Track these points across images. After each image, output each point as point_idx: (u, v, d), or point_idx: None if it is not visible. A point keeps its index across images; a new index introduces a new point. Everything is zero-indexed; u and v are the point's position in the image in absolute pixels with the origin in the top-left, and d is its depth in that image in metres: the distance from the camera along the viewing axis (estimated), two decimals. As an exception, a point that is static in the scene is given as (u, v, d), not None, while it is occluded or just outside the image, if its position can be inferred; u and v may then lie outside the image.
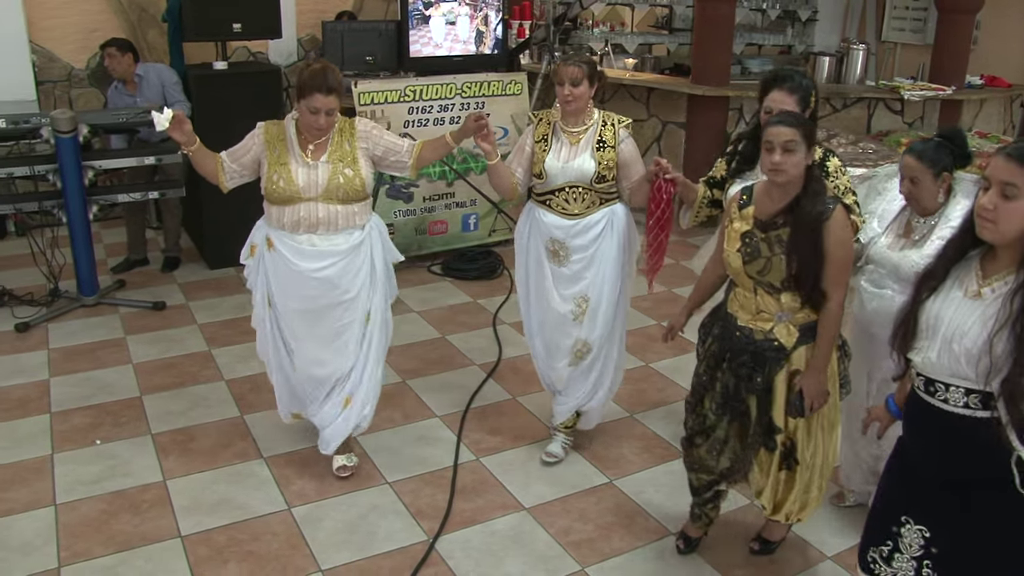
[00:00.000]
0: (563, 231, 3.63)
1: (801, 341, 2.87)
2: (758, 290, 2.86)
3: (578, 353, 3.78)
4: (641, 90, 7.69)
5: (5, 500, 3.56)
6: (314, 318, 3.56)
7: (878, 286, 3.17)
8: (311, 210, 3.41)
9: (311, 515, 3.49)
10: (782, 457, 3.01)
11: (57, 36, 7.13)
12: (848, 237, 2.80)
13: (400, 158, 3.58)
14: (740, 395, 2.96)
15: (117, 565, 3.19)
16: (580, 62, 3.51)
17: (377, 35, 5.93)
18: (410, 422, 4.21)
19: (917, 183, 2.97)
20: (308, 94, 3.30)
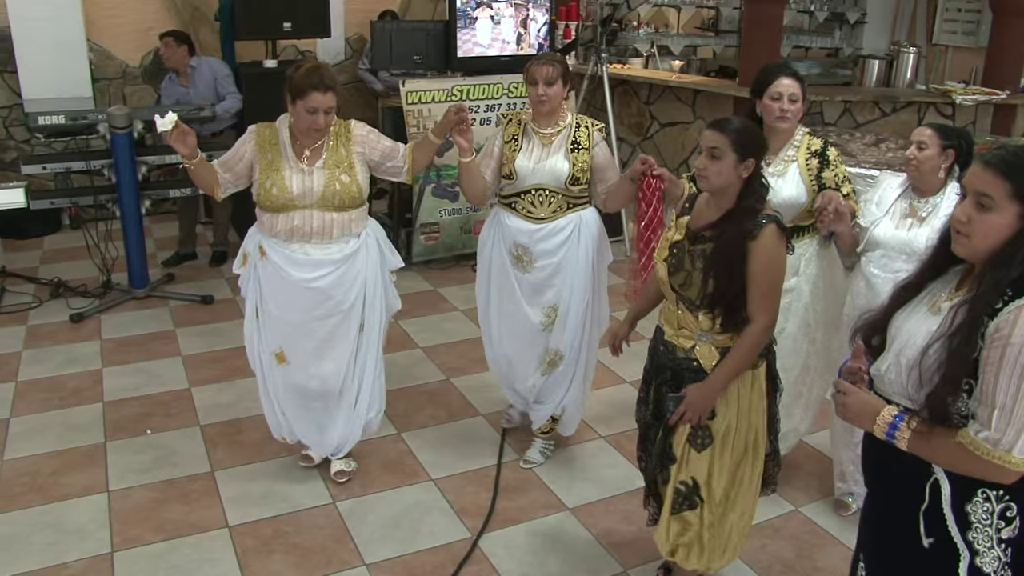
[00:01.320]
0: (527, 235, 3.55)
1: None
2: (680, 304, 2.70)
3: (551, 362, 3.71)
4: (687, 92, 7.65)
5: (61, 485, 3.66)
6: (308, 329, 3.46)
7: (889, 270, 3.13)
8: (306, 218, 3.31)
9: (355, 510, 3.53)
10: (678, 495, 2.75)
11: (113, 34, 7.29)
12: (780, 259, 2.59)
13: (396, 163, 3.48)
14: (662, 413, 2.79)
15: (167, 552, 3.26)
16: (553, 61, 3.47)
17: (425, 35, 5.96)
18: (454, 420, 4.24)
19: (923, 148, 3.06)
20: (305, 94, 3.16)
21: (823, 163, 3.33)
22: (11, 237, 6.69)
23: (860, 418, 1.93)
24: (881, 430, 1.87)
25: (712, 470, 2.72)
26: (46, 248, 6.80)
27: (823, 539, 3.39)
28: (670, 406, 2.69)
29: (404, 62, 5.96)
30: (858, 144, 6.48)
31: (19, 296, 5.71)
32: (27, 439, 4.02)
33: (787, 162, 3.36)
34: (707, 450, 2.69)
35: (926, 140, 3.07)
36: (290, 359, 3.51)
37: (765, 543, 3.36)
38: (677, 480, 2.74)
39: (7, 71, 7.00)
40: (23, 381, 4.59)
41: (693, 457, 2.71)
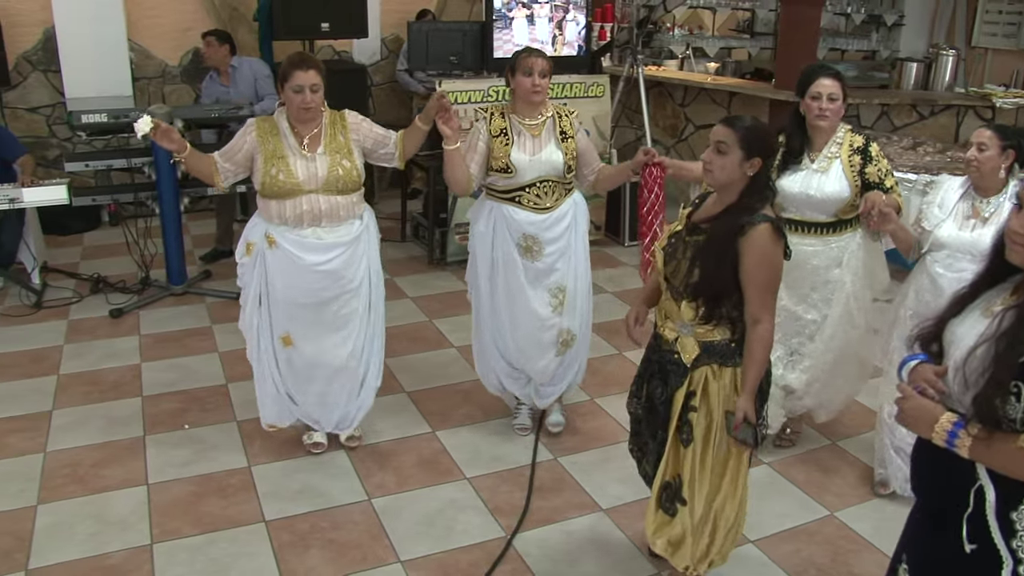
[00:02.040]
0: (535, 226, 3.67)
1: (702, 361, 2.67)
2: (668, 294, 2.74)
3: (564, 343, 3.86)
4: (723, 94, 7.62)
5: (102, 477, 3.72)
6: (318, 311, 3.62)
7: (955, 269, 3.24)
8: (313, 202, 3.47)
9: (391, 506, 3.55)
10: (663, 492, 2.78)
11: (153, 34, 7.40)
12: (775, 258, 2.57)
13: (388, 150, 3.63)
14: (653, 406, 2.84)
15: (205, 545, 3.30)
16: (544, 54, 3.61)
17: (461, 35, 5.99)
18: (489, 419, 4.25)
19: (984, 149, 3.17)
20: (288, 75, 3.36)
21: (866, 159, 3.47)
22: (53, 233, 6.80)
23: (917, 424, 1.91)
24: (940, 437, 1.85)
25: (694, 469, 2.73)
26: (86, 244, 6.91)
27: (859, 545, 3.36)
28: (744, 438, 2.58)
29: (440, 63, 5.99)
30: (895, 148, 6.42)
31: (61, 291, 5.80)
32: (69, 431, 4.09)
33: (830, 159, 3.50)
34: (690, 446, 2.72)
35: (986, 141, 3.18)
36: (297, 342, 3.66)
37: (799, 547, 3.34)
38: (664, 476, 2.78)
39: (51, 70, 7.13)
40: (65, 374, 4.67)
41: (680, 452, 2.75)
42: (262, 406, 3.83)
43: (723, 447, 2.71)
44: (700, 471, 2.73)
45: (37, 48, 7.09)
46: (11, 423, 4.15)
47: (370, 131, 3.61)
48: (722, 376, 2.68)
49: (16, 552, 3.24)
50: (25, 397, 4.41)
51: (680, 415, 2.71)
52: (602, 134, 6.45)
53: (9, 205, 5.34)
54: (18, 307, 5.56)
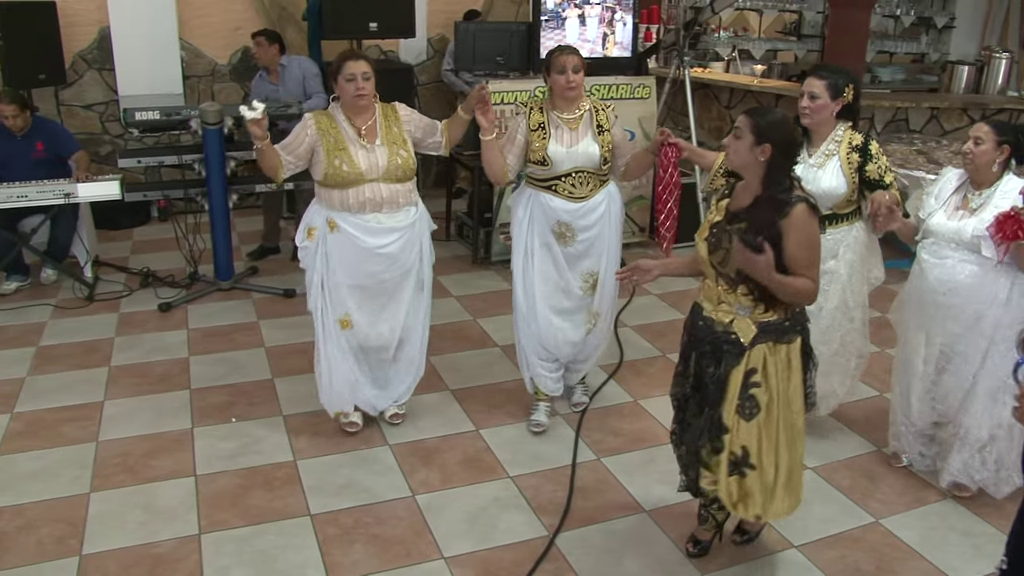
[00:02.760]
0: (570, 214, 3.85)
1: (760, 339, 2.83)
2: (719, 280, 2.88)
3: (591, 322, 4.08)
4: (769, 97, 7.57)
5: (152, 467, 3.79)
6: (374, 292, 3.83)
7: (939, 256, 3.45)
8: (376, 190, 3.67)
9: (434, 503, 3.57)
10: (731, 464, 2.93)
11: (204, 33, 7.51)
12: (812, 234, 2.76)
13: (436, 139, 3.86)
14: (703, 388, 2.97)
15: (252, 537, 3.35)
16: (576, 52, 3.76)
17: (508, 36, 6.00)
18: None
19: (980, 143, 3.33)
20: (341, 67, 3.62)
21: (865, 157, 3.56)
22: (104, 228, 6.94)
23: None
24: None
25: (761, 438, 2.89)
26: (136, 239, 7.03)
27: (904, 553, 3.32)
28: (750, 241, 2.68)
29: (487, 63, 6.01)
30: (945, 152, 6.33)
31: (112, 285, 5.92)
32: (120, 422, 4.17)
33: (827, 156, 3.61)
34: (755, 419, 2.87)
35: (983, 136, 3.34)
36: (355, 322, 3.86)
37: (844, 553, 3.31)
38: (730, 449, 2.91)
39: (105, 69, 7.28)
40: (115, 366, 4.77)
41: (743, 427, 2.88)
42: (327, 394, 3.99)
43: (781, 416, 2.89)
44: (766, 441, 2.90)
45: (92, 47, 7.24)
46: (66, 412, 4.25)
47: (420, 121, 3.83)
48: (777, 352, 2.86)
49: (70, 538, 3.32)
50: (78, 387, 4.51)
51: (741, 392, 2.86)
52: (648, 136, 6.43)
53: (64, 200, 5.47)
54: (71, 299, 5.69)
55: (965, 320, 3.43)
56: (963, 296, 3.40)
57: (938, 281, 3.45)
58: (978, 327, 3.42)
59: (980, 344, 3.44)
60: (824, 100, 3.52)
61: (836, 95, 3.53)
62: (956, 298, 3.42)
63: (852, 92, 3.56)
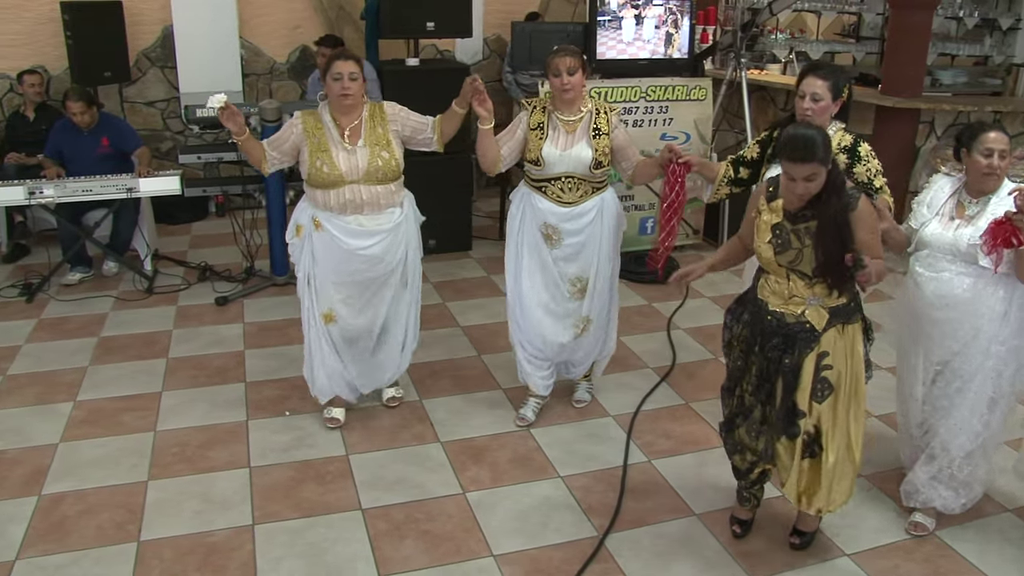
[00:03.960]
0: (557, 217, 3.85)
1: (831, 323, 2.96)
2: (791, 276, 2.96)
3: (580, 328, 4.05)
4: (826, 99, 7.44)
5: (208, 458, 3.86)
6: (357, 288, 3.89)
7: (934, 269, 3.28)
8: (356, 192, 3.70)
9: (484, 501, 3.59)
10: (805, 444, 3.05)
11: (263, 32, 7.63)
12: (875, 222, 2.95)
13: (427, 135, 3.85)
14: (771, 378, 3.05)
15: (304, 529, 3.39)
16: (573, 52, 3.71)
17: (564, 36, 5.98)
18: (583, 419, 4.25)
19: (1004, 157, 3.15)
20: (330, 65, 3.64)
21: (854, 159, 3.42)
22: (163, 222, 7.08)
23: None
24: None
25: (834, 416, 3.01)
26: (194, 234, 7.17)
27: (960, 566, 3.25)
28: (861, 263, 2.78)
29: (542, 63, 5.99)
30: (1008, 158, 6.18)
31: (170, 278, 6.05)
32: (177, 412, 4.26)
33: None
34: (828, 399, 3.00)
35: (1006, 148, 3.18)
36: (338, 315, 3.93)
37: (897, 563, 3.25)
38: (805, 430, 3.03)
39: (167, 66, 7.43)
40: (173, 358, 4.86)
41: (816, 409, 3.01)
42: (313, 380, 4.06)
43: (849, 391, 3.01)
44: (834, 420, 3.02)
45: (156, 45, 7.40)
46: (125, 402, 4.35)
47: (407, 119, 3.82)
48: (845, 334, 2.99)
49: (129, 524, 3.39)
50: (137, 378, 4.61)
51: (815, 376, 2.98)
52: (703, 138, 6.38)
53: (127, 194, 5.59)
54: (131, 292, 5.82)
55: (963, 336, 3.25)
56: (960, 311, 3.22)
57: (934, 296, 3.27)
58: (976, 343, 3.24)
59: (977, 360, 3.25)
60: (827, 101, 3.37)
61: (837, 95, 3.38)
62: (953, 312, 3.24)
63: (847, 92, 3.44)
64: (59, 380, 4.59)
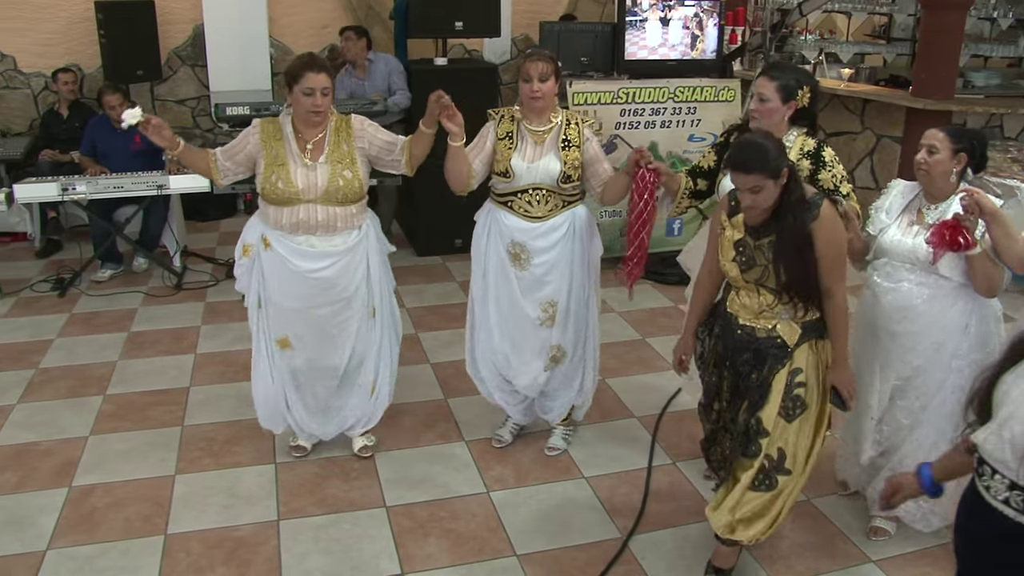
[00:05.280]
0: (524, 234, 3.56)
1: (804, 339, 2.84)
2: (760, 291, 2.84)
3: (553, 358, 3.75)
4: (856, 101, 7.39)
5: (234, 453, 3.90)
6: (312, 316, 3.54)
7: (893, 280, 3.12)
8: (310, 212, 3.37)
9: (509, 501, 3.59)
10: (762, 471, 2.87)
11: (293, 31, 7.69)
12: (839, 232, 2.76)
13: (395, 156, 3.51)
14: (742, 394, 2.95)
15: (328, 525, 3.41)
16: (546, 58, 3.45)
17: (593, 36, 6.00)
18: (608, 420, 4.24)
19: (934, 152, 3.00)
20: (300, 76, 3.26)
21: (818, 164, 3.23)
22: (192, 219, 7.15)
23: None
24: None
25: (799, 437, 2.87)
26: (223, 230, 7.23)
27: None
28: (835, 401, 2.88)
29: (571, 63, 6.02)
30: (1043, 161, 6.10)
31: (199, 275, 6.11)
32: (204, 407, 4.30)
33: None
34: (798, 418, 2.85)
35: (937, 144, 3.00)
36: (294, 344, 3.62)
37: (926, 571, 3.22)
38: (766, 452, 2.85)
39: (198, 65, 7.52)
40: (201, 354, 4.91)
41: (783, 428, 2.86)
42: (258, 407, 3.79)
43: (814, 412, 2.89)
44: (802, 439, 2.89)
45: (187, 44, 7.49)
46: (154, 396, 4.41)
47: (375, 137, 3.47)
48: (819, 350, 2.88)
49: (156, 517, 3.43)
50: (166, 373, 4.66)
51: (785, 393, 2.84)
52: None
53: (157, 191, 5.65)
54: (161, 288, 5.89)
55: (923, 351, 3.10)
56: (920, 324, 3.08)
57: (892, 307, 3.11)
58: (937, 357, 3.10)
59: (938, 376, 3.12)
60: (775, 103, 3.17)
61: (788, 97, 3.17)
62: (913, 326, 3.09)
63: (808, 95, 3.20)
64: (90, 374, 4.65)
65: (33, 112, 7.34)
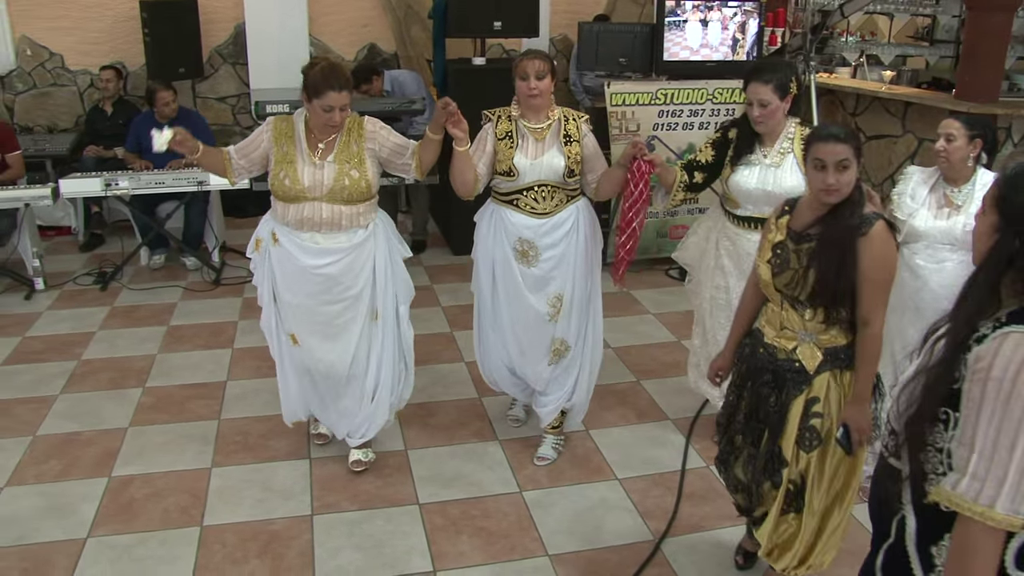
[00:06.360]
0: (532, 230, 3.59)
1: (825, 367, 2.68)
2: (784, 304, 2.70)
3: (556, 352, 3.77)
4: (898, 104, 7.30)
5: (269, 447, 3.94)
6: (315, 314, 3.56)
7: (936, 260, 3.33)
8: (316, 210, 3.40)
9: (541, 501, 3.59)
10: (787, 497, 2.79)
11: (332, 30, 7.75)
12: (888, 258, 2.56)
13: (405, 161, 3.50)
14: (760, 417, 2.80)
15: (361, 521, 3.44)
16: (542, 56, 3.49)
17: (631, 37, 5.97)
18: (642, 422, 4.23)
19: (952, 140, 3.23)
20: (321, 93, 3.25)
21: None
22: (231, 215, 7.22)
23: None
24: None
25: (821, 471, 2.74)
26: (261, 227, 7.29)
27: None
28: (842, 441, 2.65)
29: (609, 64, 6.00)
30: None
31: (237, 270, 6.18)
32: (241, 401, 4.36)
33: (782, 154, 3.50)
34: (815, 451, 2.72)
35: (953, 132, 3.24)
36: (300, 341, 3.63)
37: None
38: (788, 479, 2.77)
39: (239, 63, 7.60)
40: (238, 349, 4.97)
41: (801, 458, 2.75)
42: (283, 402, 3.84)
43: (839, 450, 2.71)
44: (819, 475, 2.75)
45: (228, 42, 7.58)
46: (192, 389, 4.47)
47: (387, 140, 3.48)
48: (843, 380, 2.70)
49: (193, 508, 3.48)
50: (204, 367, 4.73)
51: (801, 422, 2.71)
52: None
53: (197, 187, 5.73)
54: (199, 283, 5.97)
55: None
56: None
57: (939, 286, 3.27)
58: None
59: None
60: (775, 103, 3.36)
61: (784, 94, 3.37)
62: None
63: (795, 82, 3.41)
64: (130, 366, 4.73)
65: (79, 109, 7.48)
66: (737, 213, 3.64)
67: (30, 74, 7.39)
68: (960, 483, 1.59)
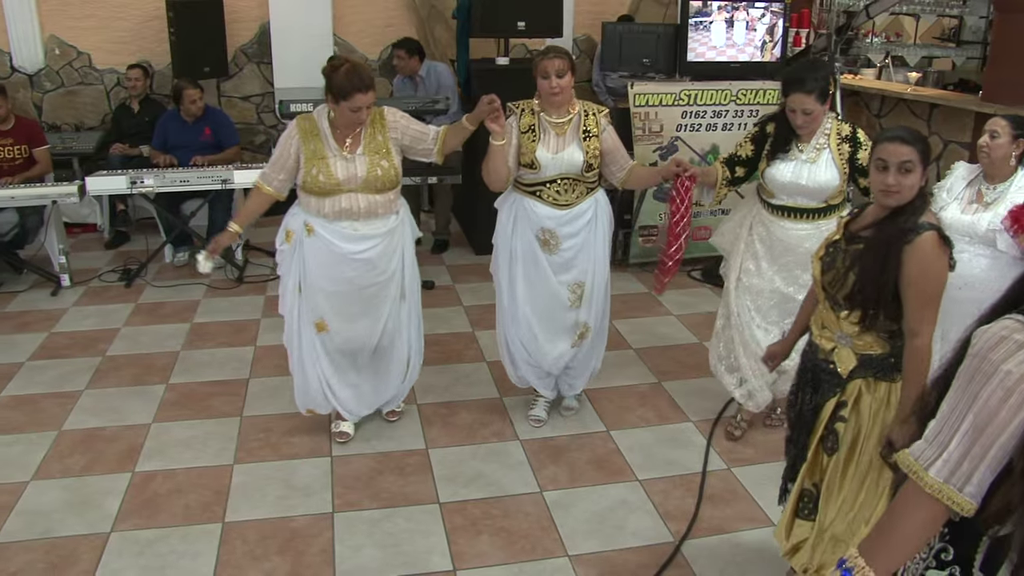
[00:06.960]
0: (555, 220, 3.76)
1: (858, 373, 2.61)
2: (827, 303, 2.67)
3: (580, 335, 3.99)
4: (923, 106, 7.22)
5: (291, 445, 3.96)
6: (351, 298, 3.73)
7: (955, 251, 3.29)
8: (353, 200, 3.55)
9: (562, 501, 3.58)
10: (800, 498, 2.78)
11: (357, 30, 7.78)
12: (940, 269, 2.44)
13: (427, 145, 3.69)
14: (804, 419, 2.81)
15: (382, 520, 3.44)
16: (562, 54, 3.63)
17: (655, 38, 5.96)
18: (664, 423, 4.21)
19: (996, 137, 3.31)
20: (349, 95, 3.37)
21: (855, 146, 3.55)
22: (254, 213, 7.27)
23: None
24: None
25: (833, 479, 2.68)
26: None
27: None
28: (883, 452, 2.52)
29: (633, 64, 5.99)
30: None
31: (259, 268, 6.22)
32: (263, 399, 4.38)
33: (819, 149, 3.58)
34: (835, 455, 2.68)
35: (999, 129, 3.32)
36: (331, 327, 3.78)
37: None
38: (804, 483, 2.76)
39: (263, 62, 7.64)
40: (261, 346, 5.00)
41: (822, 461, 2.72)
42: (300, 392, 3.92)
43: (864, 462, 2.64)
44: (839, 482, 2.69)
45: (253, 42, 7.62)
46: (215, 387, 4.50)
47: (408, 127, 3.66)
48: (876, 390, 2.62)
49: (215, 505, 3.50)
50: (227, 364, 4.76)
51: (827, 424, 2.69)
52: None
53: (221, 185, 5.77)
54: (223, 280, 6.01)
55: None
56: (979, 290, 3.31)
57: (954, 276, 3.17)
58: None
59: None
60: (818, 110, 3.46)
61: (825, 99, 3.47)
62: (972, 292, 3.31)
63: (833, 82, 3.51)
64: (153, 363, 4.76)
65: (105, 107, 7.55)
66: (772, 202, 3.72)
67: (58, 73, 7.47)
68: (917, 445, 1.59)
